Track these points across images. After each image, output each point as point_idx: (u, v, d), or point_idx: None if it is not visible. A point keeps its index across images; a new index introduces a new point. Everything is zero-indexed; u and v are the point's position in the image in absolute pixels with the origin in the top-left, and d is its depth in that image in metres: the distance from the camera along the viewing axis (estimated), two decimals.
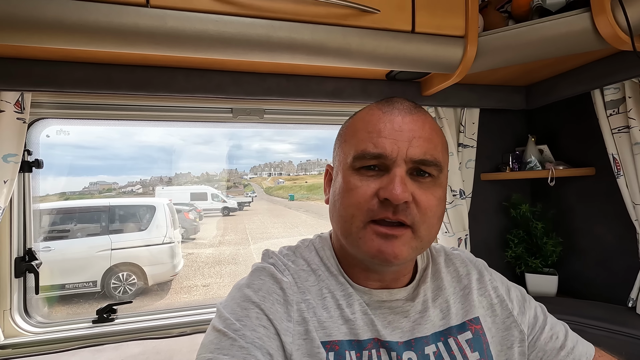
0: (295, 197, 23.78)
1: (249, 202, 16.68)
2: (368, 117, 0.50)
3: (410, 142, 0.47)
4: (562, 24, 0.86)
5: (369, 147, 0.47)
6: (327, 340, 0.48)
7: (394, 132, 0.47)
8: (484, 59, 0.98)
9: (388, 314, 0.52)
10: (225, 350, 0.43)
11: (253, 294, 0.49)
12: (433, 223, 0.49)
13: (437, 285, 0.57)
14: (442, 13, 0.91)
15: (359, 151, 0.48)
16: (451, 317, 0.54)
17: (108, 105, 1.06)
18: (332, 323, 0.49)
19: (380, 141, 0.47)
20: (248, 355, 0.43)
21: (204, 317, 1.12)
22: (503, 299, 0.57)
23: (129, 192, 14.23)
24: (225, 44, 0.79)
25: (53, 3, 0.68)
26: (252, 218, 13.57)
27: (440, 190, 0.50)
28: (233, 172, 22.06)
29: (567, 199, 1.30)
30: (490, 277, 0.60)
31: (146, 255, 4.58)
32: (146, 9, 0.73)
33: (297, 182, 29.89)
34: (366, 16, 0.85)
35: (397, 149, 0.46)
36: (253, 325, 0.46)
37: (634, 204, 1.02)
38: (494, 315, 0.56)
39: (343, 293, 0.52)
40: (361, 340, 0.49)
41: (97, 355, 0.91)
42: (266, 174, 31.33)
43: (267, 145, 36.43)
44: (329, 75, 1.09)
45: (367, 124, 0.50)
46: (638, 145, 0.98)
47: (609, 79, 1.02)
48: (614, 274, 1.14)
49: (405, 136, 0.47)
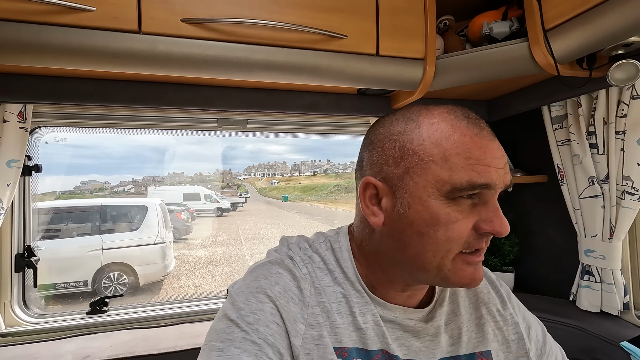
0: (289, 198, 23.81)
1: (243, 202, 16.69)
2: (460, 138, 0.44)
3: (505, 169, 0.45)
4: (506, 50, 0.98)
5: (473, 177, 0.43)
6: (337, 346, 0.47)
7: (494, 160, 0.44)
8: (443, 78, 1.10)
9: (398, 329, 0.51)
10: (237, 343, 0.43)
11: (269, 288, 0.48)
12: None
13: (452, 309, 0.55)
14: (403, 38, 1.03)
15: (463, 182, 0.43)
16: (461, 345, 0.52)
17: (104, 115, 1.16)
18: (344, 329, 0.48)
19: (484, 170, 0.43)
20: (260, 352, 0.42)
21: (189, 309, 1.23)
22: (522, 337, 0.55)
23: (121, 192, 14.16)
24: (209, 66, 0.90)
25: (57, 31, 0.78)
26: (246, 219, 13.60)
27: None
28: (227, 172, 22.04)
29: (524, 203, 1.43)
30: (512, 310, 0.58)
31: (138, 255, 4.62)
32: (139, 35, 0.84)
33: (291, 183, 29.91)
34: (335, 41, 0.96)
35: (501, 179, 0.44)
36: (267, 321, 0.45)
37: (574, 209, 1.15)
38: (509, 351, 0.54)
39: (358, 301, 0.50)
40: (369, 351, 0.48)
41: (90, 343, 1.00)
42: (260, 174, 31.31)
43: (261, 146, 36.40)
44: (305, 90, 1.21)
45: (459, 146, 0.44)
46: (576, 157, 1.11)
47: (554, 97, 1.15)
48: (561, 271, 1.27)
49: (502, 163, 0.45)
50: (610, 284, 1.05)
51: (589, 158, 1.07)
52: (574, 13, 0.83)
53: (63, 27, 0.79)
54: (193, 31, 0.86)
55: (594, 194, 1.08)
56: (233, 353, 0.42)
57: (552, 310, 1.17)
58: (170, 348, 0.97)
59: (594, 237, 1.09)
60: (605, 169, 1.05)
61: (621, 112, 1.00)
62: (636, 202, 1.00)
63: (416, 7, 1.04)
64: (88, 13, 0.79)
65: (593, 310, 1.10)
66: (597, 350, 1.02)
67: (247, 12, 0.89)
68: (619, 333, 1.01)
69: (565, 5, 0.84)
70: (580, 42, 0.84)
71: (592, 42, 0.83)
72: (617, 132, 1.01)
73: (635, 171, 1.00)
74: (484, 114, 1.46)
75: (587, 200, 1.10)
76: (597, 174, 1.07)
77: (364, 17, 0.99)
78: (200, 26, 0.86)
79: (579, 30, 0.83)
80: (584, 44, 0.84)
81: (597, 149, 1.06)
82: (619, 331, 1.01)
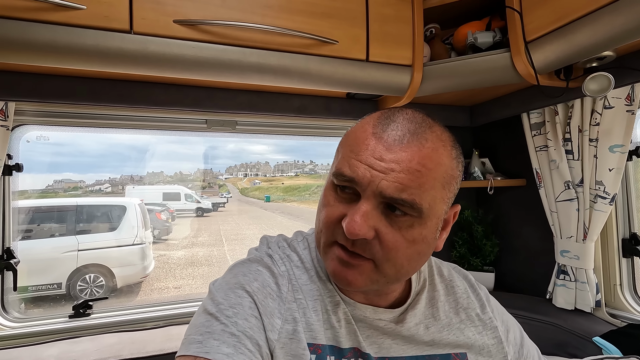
0: (271, 198, 23.69)
1: (224, 203, 16.48)
2: (359, 132, 0.47)
3: (386, 175, 0.42)
4: (489, 60, 1.03)
5: (344, 168, 0.45)
6: (311, 343, 0.47)
7: (374, 161, 0.43)
8: (429, 84, 1.13)
9: (369, 328, 0.51)
10: (217, 335, 0.43)
11: (248, 284, 0.49)
12: (401, 263, 0.45)
13: (432, 313, 0.56)
14: (392, 45, 1.06)
15: (336, 168, 0.46)
16: (439, 346, 0.53)
17: (89, 114, 1.13)
18: (319, 326, 0.49)
19: (355, 165, 0.44)
20: (238, 343, 0.43)
21: (176, 311, 1.21)
22: (500, 340, 0.56)
23: (97, 191, 13.72)
24: (201, 67, 0.90)
25: (45, 28, 0.77)
26: (227, 219, 13.44)
27: (419, 230, 0.44)
28: (208, 172, 21.71)
29: (504, 205, 1.49)
30: (491, 314, 0.58)
31: (115, 257, 4.49)
32: (130, 35, 0.83)
33: (273, 184, 29.77)
34: (326, 46, 0.98)
35: (369, 179, 0.43)
36: (246, 315, 0.46)
37: (550, 211, 1.21)
38: (488, 355, 0.55)
39: (330, 300, 0.51)
40: (342, 349, 0.49)
41: (73, 347, 0.98)
42: (242, 174, 30.99)
43: (243, 146, 36.03)
44: (295, 92, 1.22)
45: (354, 140, 0.47)
46: (553, 162, 1.17)
47: (533, 105, 1.20)
48: (538, 271, 1.33)
49: (383, 167, 0.42)
50: (584, 282, 1.12)
51: (565, 163, 1.13)
52: (552, 27, 0.87)
53: (51, 25, 0.77)
54: (185, 32, 0.86)
55: (569, 197, 1.14)
56: (212, 344, 0.42)
57: (530, 308, 1.22)
58: (158, 351, 0.96)
59: (569, 238, 1.15)
60: (579, 174, 1.12)
61: (594, 121, 1.06)
62: (607, 206, 1.07)
63: (404, 15, 1.07)
64: (78, 11, 0.78)
65: (568, 307, 1.17)
66: (571, 345, 1.08)
67: (239, 15, 0.90)
68: (592, 329, 1.07)
69: (544, 19, 0.89)
70: (558, 55, 0.90)
71: (568, 55, 0.88)
72: (591, 140, 1.07)
73: (607, 176, 1.06)
74: (467, 119, 1.51)
75: (562, 203, 1.16)
76: (572, 179, 1.13)
77: (354, 24, 1.01)
78: (193, 28, 0.86)
79: (556, 43, 0.88)
80: (561, 56, 0.89)
81: (572, 155, 1.12)
82: (591, 327, 1.08)
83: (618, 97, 1.02)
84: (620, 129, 1.03)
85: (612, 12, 0.77)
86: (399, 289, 0.55)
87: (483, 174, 1.48)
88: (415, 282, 0.57)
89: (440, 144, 0.45)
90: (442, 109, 1.48)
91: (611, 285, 1.14)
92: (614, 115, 1.03)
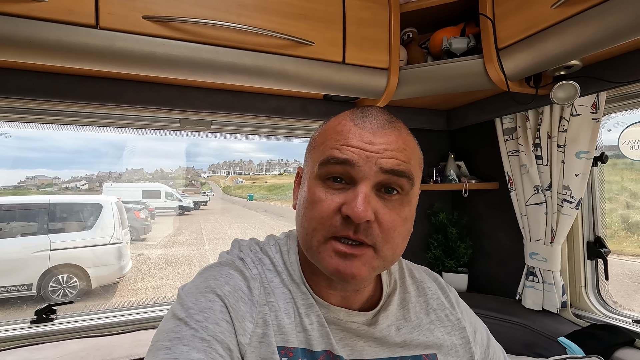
0: (254, 197, 23.50)
1: (206, 201, 16.27)
2: (339, 128, 0.48)
3: (380, 154, 0.45)
4: (463, 66, 1.04)
5: (335, 152, 0.46)
6: (282, 346, 0.47)
7: (364, 144, 0.46)
8: (405, 88, 1.14)
9: (341, 330, 0.51)
10: (186, 341, 0.42)
11: (219, 287, 0.48)
12: (397, 243, 0.47)
13: (403, 314, 0.56)
14: (369, 48, 1.06)
15: (326, 155, 0.47)
16: (410, 347, 0.54)
17: (56, 111, 1.09)
18: (291, 330, 0.48)
19: (347, 149, 0.45)
20: (209, 348, 0.42)
21: (146, 315, 1.17)
22: (468, 341, 0.57)
23: (73, 189, 13.28)
24: (172, 65, 0.88)
25: (4, 20, 0.72)
26: (209, 218, 13.25)
27: (408, 209, 0.48)
28: (190, 170, 21.32)
29: (478, 208, 1.52)
30: (460, 315, 0.60)
31: (90, 257, 4.36)
32: (96, 30, 0.79)
33: (256, 182, 29.53)
34: (302, 47, 0.97)
35: (364, 159, 0.45)
36: (217, 319, 0.45)
37: (521, 215, 1.25)
38: (456, 355, 0.56)
39: (304, 302, 0.51)
40: (314, 352, 0.48)
41: (34, 354, 0.93)
42: (225, 172, 30.58)
43: (226, 144, 35.59)
44: (272, 93, 1.20)
45: (335, 133, 0.48)
46: (524, 167, 1.20)
47: (505, 111, 1.23)
48: (510, 273, 1.36)
49: (376, 148, 0.45)
50: (551, 284, 1.15)
51: (535, 168, 1.17)
52: (523, 35, 0.89)
53: (10, 17, 0.73)
54: (156, 29, 0.83)
55: (538, 201, 1.17)
56: (181, 351, 0.41)
57: (500, 309, 1.25)
58: (125, 357, 0.93)
59: (537, 241, 1.18)
60: (548, 179, 1.15)
61: (562, 127, 1.09)
62: (573, 210, 1.10)
63: (382, 19, 1.08)
64: (39, 3, 0.74)
65: (536, 308, 1.20)
66: (538, 346, 1.11)
67: (213, 13, 0.88)
68: (557, 329, 1.10)
69: (515, 28, 0.91)
70: (528, 62, 0.92)
71: (538, 63, 0.90)
72: (559, 146, 1.11)
73: (573, 181, 1.10)
74: (443, 123, 1.54)
75: (532, 207, 1.19)
76: (541, 183, 1.17)
77: (331, 26, 1.00)
78: (164, 24, 0.84)
79: (527, 51, 0.90)
80: (531, 64, 0.92)
81: (542, 160, 1.15)
82: (557, 327, 1.11)
83: (584, 105, 1.06)
84: (586, 135, 1.07)
85: (578, 23, 0.79)
86: (373, 289, 0.56)
87: (458, 177, 1.51)
88: (387, 283, 0.58)
89: (407, 131, 0.52)
90: (419, 113, 1.49)
91: (576, 287, 1.18)
92: (581, 122, 1.07)
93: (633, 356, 0.93)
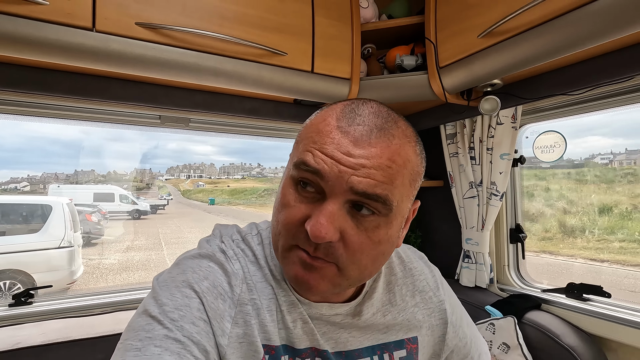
0: (216, 201, 22.91)
1: (164, 205, 15.67)
2: (322, 126, 0.44)
3: (355, 171, 0.40)
4: (412, 79, 1.24)
5: (308, 157, 0.42)
6: (265, 344, 0.46)
7: (341, 155, 0.41)
8: (365, 96, 1.32)
9: (325, 324, 0.50)
10: (158, 341, 0.39)
11: (197, 282, 0.45)
12: (365, 264, 0.44)
13: (389, 299, 0.55)
14: (334, 60, 1.23)
15: (298, 158, 0.43)
16: (394, 332, 0.53)
17: (34, 103, 1.14)
18: (272, 327, 0.47)
19: (320, 158, 0.41)
20: (183, 350, 0.39)
21: (125, 297, 1.24)
22: (446, 321, 0.58)
23: (12, 190, 12.24)
24: (161, 67, 0.98)
25: (7, 20, 0.80)
26: (167, 222, 12.80)
27: (385, 231, 0.43)
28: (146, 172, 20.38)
29: (427, 203, 1.74)
30: (443, 296, 0.60)
31: (37, 261, 4.12)
32: (92, 32, 0.88)
33: (218, 186, 28.82)
34: (276, 57, 1.12)
35: (336, 174, 0.40)
36: (193, 318, 0.42)
37: (459, 207, 1.47)
38: (433, 335, 0.57)
39: (285, 300, 0.49)
40: (297, 349, 0.48)
41: (17, 332, 0.97)
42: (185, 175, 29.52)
43: (186, 146, 34.38)
44: (248, 95, 1.33)
45: (316, 132, 0.44)
46: (462, 166, 1.42)
47: (447, 119, 1.46)
48: (451, 257, 1.59)
49: (352, 162, 0.40)
50: (482, 264, 1.38)
51: (470, 167, 1.40)
52: (457, 57, 1.11)
53: (12, 17, 0.81)
54: (147, 34, 0.94)
55: (472, 195, 1.40)
56: (152, 352, 0.38)
57: None
58: (110, 332, 1.00)
59: (471, 228, 1.41)
60: (480, 176, 1.38)
61: (490, 134, 1.33)
62: (498, 201, 1.34)
63: (345, 35, 1.25)
64: (40, 6, 0.82)
65: (470, 285, 1.43)
66: (471, 315, 1.32)
67: (198, 23, 1.00)
68: (486, 300, 1.33)
69: (452, 51, 1.12)
70: (462, 80, 1.13)
71: (469, 80, 1.12)
72: (488, 149, 1.34)
73: (498, 178, 1.34)
74: None
75: (468, 200, 1.42)
76: (474, 180, 1.40)
77: (302, 39, 1.16)
78: (154, 31, 0.95)
79: (460, 70, 1.12)
80: (464, 81, 1.13)
81: (475, 160, 1.39)
82: (485, 299, 1.34)
83: (506, 116, 1.30)
84: (507, 141, 1.31)
85: (498, 51, 1.00)
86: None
87: None
88: None
89: (406, 140, 0.45)
90: None
91: (501, 266, 1.42)
92: (503, 130, 1.31)
93: (538, 316, 1.17)
